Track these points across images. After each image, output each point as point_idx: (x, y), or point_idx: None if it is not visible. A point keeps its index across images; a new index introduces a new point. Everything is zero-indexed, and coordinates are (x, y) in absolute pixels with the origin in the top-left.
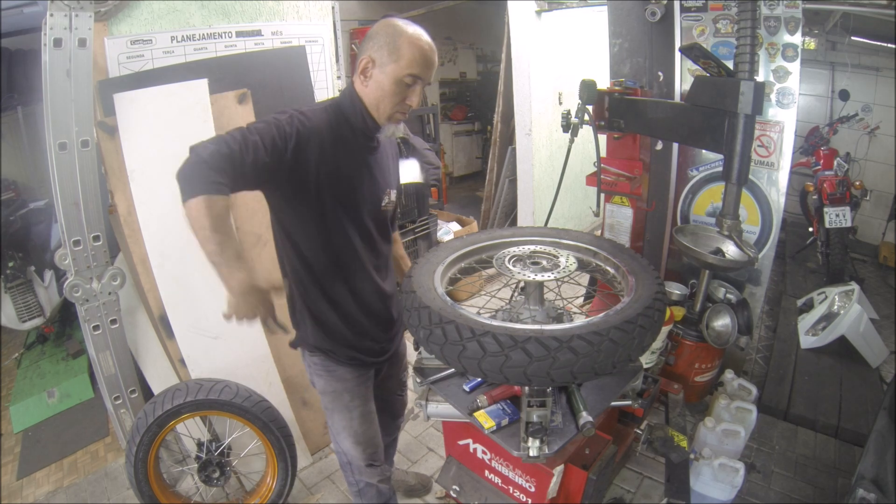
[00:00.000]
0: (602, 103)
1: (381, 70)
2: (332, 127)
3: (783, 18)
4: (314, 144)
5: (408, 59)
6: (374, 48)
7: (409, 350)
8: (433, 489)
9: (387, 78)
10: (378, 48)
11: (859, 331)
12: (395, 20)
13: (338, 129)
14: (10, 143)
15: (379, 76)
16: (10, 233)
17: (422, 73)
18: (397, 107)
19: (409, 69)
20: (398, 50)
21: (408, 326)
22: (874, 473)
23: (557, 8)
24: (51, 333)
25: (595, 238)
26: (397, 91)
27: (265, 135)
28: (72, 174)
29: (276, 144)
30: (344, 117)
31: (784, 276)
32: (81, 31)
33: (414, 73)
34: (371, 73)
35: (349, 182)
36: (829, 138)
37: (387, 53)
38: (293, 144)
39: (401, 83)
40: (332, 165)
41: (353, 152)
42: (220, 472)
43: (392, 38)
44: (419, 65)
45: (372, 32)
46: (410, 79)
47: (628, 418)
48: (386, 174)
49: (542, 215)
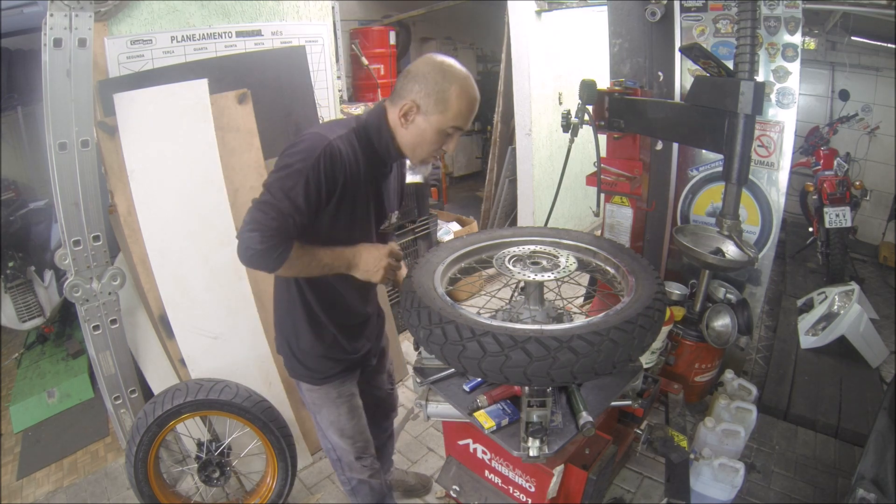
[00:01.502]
0: (602, 103)
1: (425, 118)
2: (358, 156)
3: (783, 18)
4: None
5: (455, 112)
6: (420, 93)
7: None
8: (433, 489)
9: (430, 127)
10: (426, 95)
11: (859, 331)
12: (443, 61)
13: (362, 157)
14: (10, 143)
15: (422, 124)
16: (10, 233)
17: (465, 124)
18: (434, 152)
19: (455, 122)
20: (447, 101)
21: (408, 326)
22: (874, 473)
23: (557, 8)
24: (51, 333)
25: (595, 238)
26: (438, 140)
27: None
28: (72, 174)
29: (310, 201)
30: (370, 144)
31: (784, 276)
32: (81, 31)
33: (459, 126)
34: (414, 118)
35: (356, 210)
36: (829, 138)
37: (433, 102)
38: (325, 192)
39: (444, 132)
40: (348, 196)
41: (369, 181)
42: (220, 472)
43: (441, 87)
44: (465, 118)
45: (418, 72)
46: (453, 130)
47: (628, 418)
48: (391, 198)
49: (542, 215)
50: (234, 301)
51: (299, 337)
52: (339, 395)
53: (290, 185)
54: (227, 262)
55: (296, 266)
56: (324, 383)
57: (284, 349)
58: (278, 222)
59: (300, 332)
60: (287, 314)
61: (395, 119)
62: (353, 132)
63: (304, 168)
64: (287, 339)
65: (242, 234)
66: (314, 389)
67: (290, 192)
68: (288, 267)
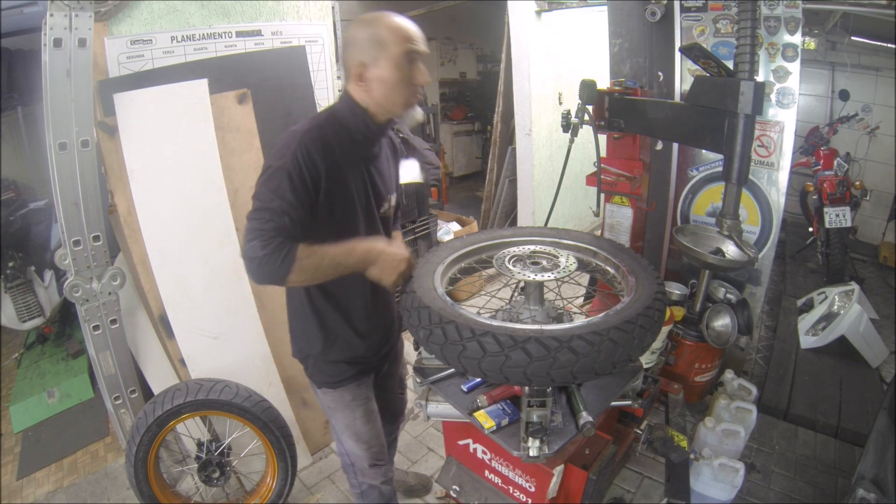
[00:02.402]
0: (602, 103)
1: (375, 66)
2: (334, 141)
3: (783, 18)
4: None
5: (395, 40)
6: (358, 52)
7: (409, 350)
8: (433, 489)
9: (386, 69)
10: (362, 50)
11: (859, 331)
12: (359, 18)
13: (340, 144)
14: (10, 143)
15: (377, 72)
16: (10, 233)
17: (416, 45)
18: (408, 91)
19: (402, 47)
20: (381, 40)
21: (408, 326)
22: (874, 473)
23: (557, 8)
24: (51, 333)
25: (595, 238)
26: (402, 76)
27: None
28: (72, 174)
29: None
30: (344, 129)
31: (784, 276)
32: (81, 31)
33: (410, 49)
34: (367, 74)
35: (349, 196)
36: (829, 138)
37: (372, 50)
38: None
39: (402, 66)
40: (336, 182)
41: (355, 165)
42: (220, 472)
43: (368, 34)
44: (409, 39)
45: (346, 40)
46: (408, 57)
47: (628, 418)
48: (386, 180)
49: (542, 215)
50: (234, 301)
51: (311, 342)
52: (353, 398)
53: (275, 185)
54: (227, 262)
55: (307, 269)
56: (338, 387)
57: (299, 354)
58: (274, 223)
59: (311, 338)
60: (298, 320)
61: (359, 93)
62: (326, 121)
63: (284, 164)
64: (300, 345)
65: (245, 249)
66: (329, 392)
67: (276, 190)
68: (299, 271)
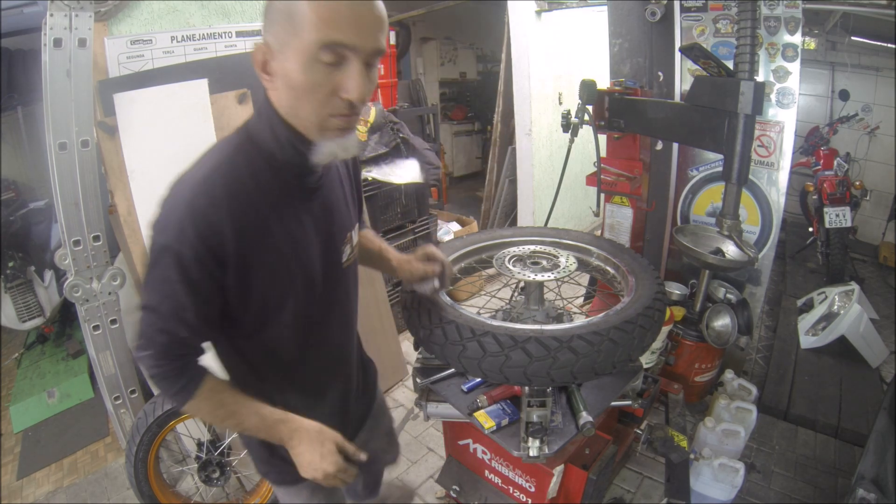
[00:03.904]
0: (602, 103)
1: (282, 55)
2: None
3: (783, 18)
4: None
5: (313, 22)
6: (266, 32)
7: (409, 350)
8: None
9: (292, 62)
10: (269, 28)
11: (859, 331)
12: None
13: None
14: (10, 143)
15: (282, 66)
16: (10, 233)
17: (348, 37)
18: (324, 105)
19: (319, 35)
20: (293, 15)
21: (408, 326)
22: (874, 473)
23: (557, 8)
24: (51, 333)
25: (595, 238)
26: (313, 81)
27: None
28: (72, 174)
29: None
30: (265, 160)
31: (784, 276)
32: (81, 31)
33: (333, 41)
34: (271, 67)
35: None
36: (829, 138)
37: (280, 30)
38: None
39: (315, 65)
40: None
41: (288, 204)
42: (220, 472)
43: (282, 5)
44: (336, 24)
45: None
46: (330, 53)
47: (628, 418)
48: (343, 212)
49: (542, 215)
50: None
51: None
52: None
53: (160, 275)
54: None
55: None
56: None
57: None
58: (167, 335)
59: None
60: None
61: (274, 95)
62: (235, 153)
63: (168, 243)
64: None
65: (135, 355)
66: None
67: (164, 283)
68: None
